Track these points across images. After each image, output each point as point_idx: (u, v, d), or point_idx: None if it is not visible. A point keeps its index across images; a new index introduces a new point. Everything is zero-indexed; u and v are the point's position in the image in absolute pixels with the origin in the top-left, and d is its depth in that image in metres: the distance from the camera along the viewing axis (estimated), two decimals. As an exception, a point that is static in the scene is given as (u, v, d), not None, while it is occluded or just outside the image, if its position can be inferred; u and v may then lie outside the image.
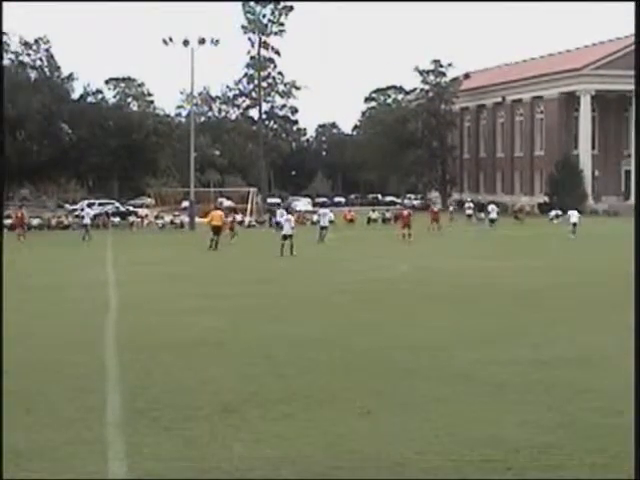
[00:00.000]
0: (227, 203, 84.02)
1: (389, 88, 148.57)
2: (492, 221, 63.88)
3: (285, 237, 40.20)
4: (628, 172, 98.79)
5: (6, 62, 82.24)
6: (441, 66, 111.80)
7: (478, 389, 12.15)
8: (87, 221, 59.33)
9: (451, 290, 25.35)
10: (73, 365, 14.02)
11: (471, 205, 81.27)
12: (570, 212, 60.53)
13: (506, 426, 10.16)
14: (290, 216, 43.52)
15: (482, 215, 76.80)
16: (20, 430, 10.14)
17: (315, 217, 50.99)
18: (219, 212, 49.20)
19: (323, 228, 50.14)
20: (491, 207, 66.75)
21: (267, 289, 26.20)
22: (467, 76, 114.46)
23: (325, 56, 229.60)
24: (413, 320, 19.20)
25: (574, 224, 59.01)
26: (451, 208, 74.77)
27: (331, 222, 55.95)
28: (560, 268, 32.25)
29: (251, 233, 63.35)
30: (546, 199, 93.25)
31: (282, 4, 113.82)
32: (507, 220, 73.79)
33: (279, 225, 52.33)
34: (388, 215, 78.67)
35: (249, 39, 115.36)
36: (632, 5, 14.89)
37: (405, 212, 55.46)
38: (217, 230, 46.02)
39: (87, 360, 14.46)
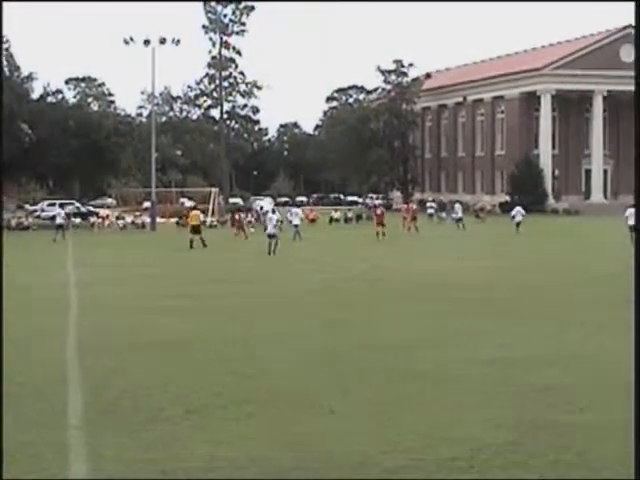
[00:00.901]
0: (188, 203, 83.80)
1: (351, 88, 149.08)
2: (458, 220, 63.59)
3: (270, 236, 41.01)
4: (588, 171, 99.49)
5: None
6: (402, 66, 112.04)
7: (441, 388, 12.16)
8: (60, 221, 58.53)
9: (416, 289, 25.41)
10: (34, 366, 13.92)
11: (433, 205, 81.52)
12: (515, 210, 61.34)
13: (469, 425, 10.18)
14: (274, 215, 43.82)
15: (444, 214, 77.07)
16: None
17: (288, 216, 52.17)
18: (197, 212, 50.66)
19: (296, 226, 52.47)
20: (457, 206, 66.57)
21: (233, 289, 26.13)
22: (428, 76, 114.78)
23: (286, 56, 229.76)
24: (378, 319, 19.22)
25: (459, 219, 60.50)
26: (414, 207, 74.25)
27: (301, 220, 57.45)
28: (527, 267, 32.38)
29: (213, 233, 63.13)
30: (507, 198, 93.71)
31: (243, 4, 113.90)
32: (468, 219, 74.05)
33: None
34: (350, 215, 78.82)
35: (210, 39, 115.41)
36: (604, 6, 14.93)
37: (379, 211, 56.09)
38: (196, 229, 47.44)
39: (48, 361, 14.36)
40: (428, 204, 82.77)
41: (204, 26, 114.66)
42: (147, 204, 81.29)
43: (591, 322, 18.02)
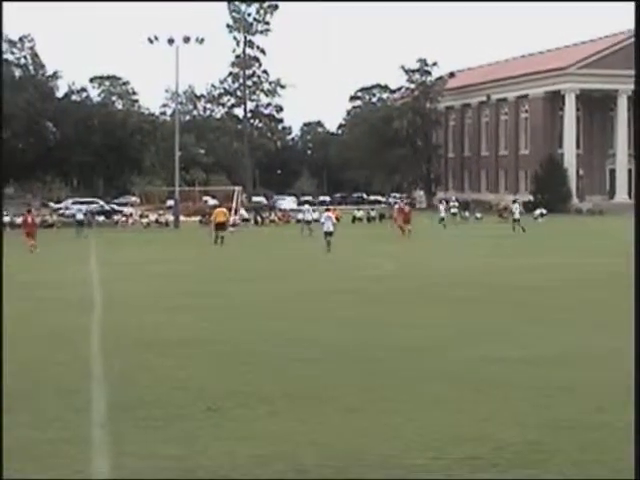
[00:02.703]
0: (212, 202, 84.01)
1: (374, 87, 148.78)
2: (516, 220, 60.84)
3: (326, 234, 41.71)
4: (613, 171, 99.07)
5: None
6: (426, 65, 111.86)
7: (463, 387, 12.14)
8: (80, 217, 60.17)
9: (439, 289, 25.34)
10: (57, 364, 13.98)
11: (456, 204, 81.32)
12: (514, 207, 60.86)
13: (491, 424, 10.15)
14: (330, 213, 44.27)
15: (466, 214, 76.90)
16: (4, 429, 10.09)
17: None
18: (223, 209, 52.75)
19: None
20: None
21: (256, 287, 26.18)
22: (452, 75, 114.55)
23: (310, 54, 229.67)
24: (400, 319, 19.18)
25: (516, 220, 59.44)
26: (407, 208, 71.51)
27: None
28: (547, 267, 32.26)
29: (237, 232, 63.21)
30: (531, 198, 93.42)
31: (267, 3, 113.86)
32: (491, 219, 73.96)
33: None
34: (373, 214, 78.78)
35: (234, 38, 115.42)
36: (631, 5, 14.89)
37: (406, 208, 57.00)
38: (221, 226, 49.39)
39: (71, 359, 14.42)
40: (451, 203, 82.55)
41: (228, 25, 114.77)
42: (170, 202, 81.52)
43: (611, 322, 17.94)
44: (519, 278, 27.98)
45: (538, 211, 76.13)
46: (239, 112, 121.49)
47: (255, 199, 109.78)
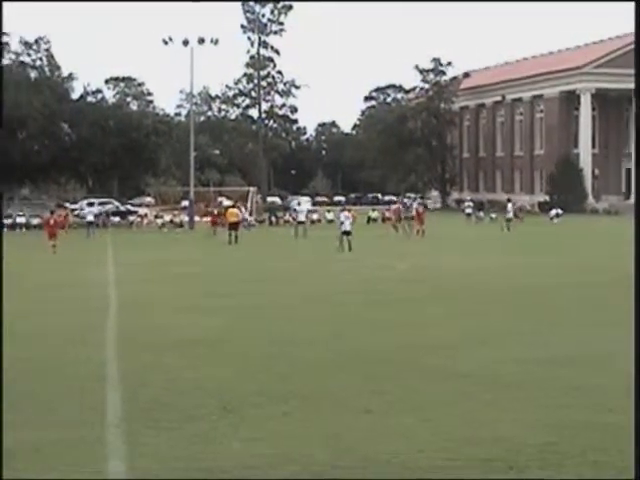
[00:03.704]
0: (227, 202, 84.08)
1: (389, 87, 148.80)
2: (508, 220, 61.36)
3: (346, 233, 42.07)
4: (629, 170, 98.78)
5: (6, 62, 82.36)
6: (441, 65, 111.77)
7: (477, 388, 12.12)
8: (90, 218, 61.55)
9: (455, 289, 25.32)
10: (73, 364, 14.02)
11: (470, 204, 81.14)
12: (509, 206, 61.32)
13: (506, 425, 10.14)
14: (347, 213, 44.79)
15: (481, 214, 76.77)
16: (21, 429, 10.13)
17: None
18: (235, 210, 53.85)
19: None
20: (509, 206, 64.16)
21: (273, 288, 26.20)
22: (467, 75, 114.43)
23: (325, 55, 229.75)
24: (417, 319, 19.17)
25: (508, 219, 59.70)
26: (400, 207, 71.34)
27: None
28: (564, 267, 32.19)
29: (252, 232, 63.28)
30: (546, 198, 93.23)
31: (281, 3, 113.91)
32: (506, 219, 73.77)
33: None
34: (388, 214, 78.61)
35: (248, 38, 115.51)
36: (632, 5, 14.82)
37: (420, 209, 58.15)
38: (234, 226, 50.38)
39: (87, 359, 14.45)
40: (466, 203, 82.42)
41: (242, 26, 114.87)
42: (185, 203, 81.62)
43: (624, 322, 17.86)
44: (531, 278, 27.94)
45: (554, 211, 75.92)
46: (254, 113, 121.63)
47: (270, 199, 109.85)
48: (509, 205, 63.66)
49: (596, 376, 12.85)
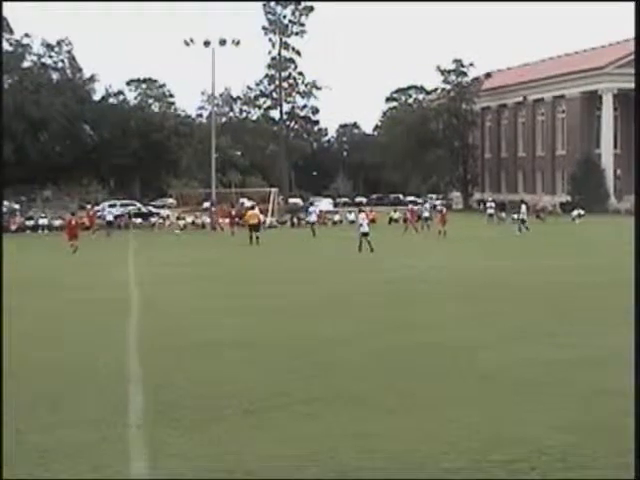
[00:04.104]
0: (248, 203, 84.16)
1: (410, 88, 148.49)
2: (522, 222, 61.39)
3: (364, 234, 42.25)
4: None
5: (29, 64, 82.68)
6: (462, 66, 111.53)
7: (501, 389, 12.09)
8: (110, 218, 63.44)
9: (477, 289, 25.26)
10: (96, 365, 14.05)
11: (492, 205, 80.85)
12: (522, 208, 61.18)
13: (529, 426, 10.10)
14: (364, 215, 45.34)
15: (503, 215, 76.60)
16: (45, 430, 10.17)
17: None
18: (256, 211, 54.29)
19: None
20: (523, 207, 63.99)
21: (294, 289, 26.20)
22: (488, 75, 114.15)
23: (346, 56, 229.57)
24: (439, 320, 19.14)
25: (522, 220, 59.49)
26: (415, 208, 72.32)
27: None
28: (585, 267, 32.06)
29: (273, 234, 63.34)
30: (568, 198, 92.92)
31: (303, 4, 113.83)
32: (529, 219, 73.51)
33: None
34: (426, 215, 78.46)
35: (270, 40, 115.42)
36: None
37: (444, 210, 59.07)
38: (255, 227, 50.84)
39: (109, 360, 14.48)
40: (488, 204, 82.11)
41: (264, 27, 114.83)
42: (207, 204, 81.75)
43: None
44: (552, 278, 27.86)
45: (576, 212, 75.67)
46: (275, 114, 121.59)
47: (291, 201, 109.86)
48: (523, 207, 63.51)
49: (620, 378, 12.78)
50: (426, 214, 70.21)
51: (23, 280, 29.96)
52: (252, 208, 57.68)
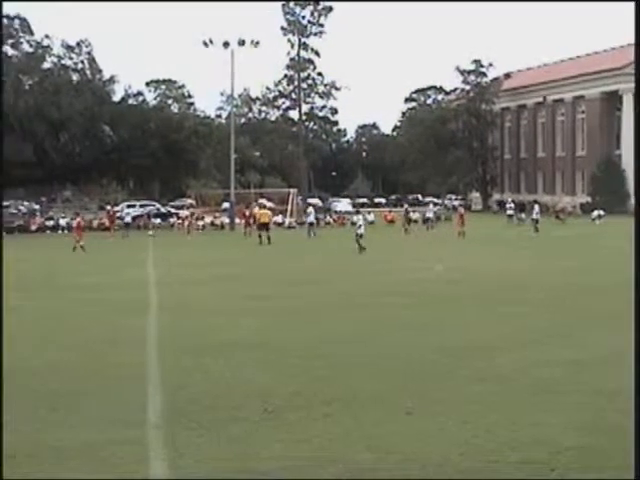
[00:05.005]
0: (268, 204, 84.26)
1: (429, 88, 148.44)
2: (536, 222, 61.59)
3: (359, 235, 42.38)
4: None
5: (49, 65, 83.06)
6: (482, 66, 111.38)
7: (518, 390, 12.07)
8: (128, 219, 64.15)
9: (493, 291, 25.21)
10: (114, 365, 14.09)
11: (512, 205, 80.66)
12: (535, 208, 61.14)
13: (547, 427, 10.08)
14: (361, 216, 46.32)
15: (523, 215, 76.41)
16: (63, 429, 10.22)
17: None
18: (267, 211, 54.75)
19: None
20: (536, 207, 64.02)
21: (310, 290, 26.20)
22: (508, 76, 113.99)
23: (365, 56, 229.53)
24: (455, 321, 19.11)
25: (536, 220, 59.35)
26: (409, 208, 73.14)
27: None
28: (604, 268, 31.96)
29: (292, 234, 63.40)
30: (588, 199, 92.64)
31: (321, 5, 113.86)
32: (548, 220, 73.38)
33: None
34: (429, 215, 78.38)
35: (289, 40, 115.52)
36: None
37: (462, 211, 59.54)
38: (264, 226, 50.82)
39: (128, 360, 14.52)
40: (507, 205, 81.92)
41: (283, 28, 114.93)
42: (226, 205, 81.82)
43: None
44: (570, 279, 27.78)
45: (596, 212, 75.46)
46: (294, 114, 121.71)
47: (310, 201, 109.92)
48: (536, 207, 63.50)
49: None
50: (429, 215, 71.05)
51: (42, 280, 30.13)
52: (263, 208, 57.97)
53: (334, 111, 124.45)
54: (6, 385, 12.28)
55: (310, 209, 65.38)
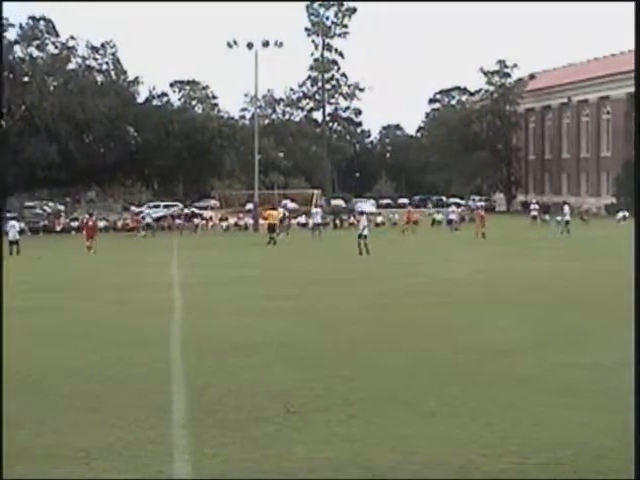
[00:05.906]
0: (291, 205, 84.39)
1: (453, 89, 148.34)
2: (566, 222, 61.25)
3: (362, 236, 41.65)
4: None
5: (73, 66, 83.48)
6: (506, 67, 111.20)
7: (541, 392, 12.04)
8: (149, 220, 64.72)
9: (515, 292, 25.14)
10: (138, 365, 14.14)
11: (536, 206, 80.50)
12: (565, 209, 60.95)
13: (570, 429, 10.06)
14: (364, 217, 45.09)
15: (547, 217, 76.21)
16: (88, 429, 10.26)
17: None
18: (275, 212, 55.19)
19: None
20: (566, 208, 63.77)
21: (333, 290, 26.22)
22: (532, 77, 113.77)
23: (389, 57, 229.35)
24: (477, 322, 19.08)
25: (567, 222, 59.17)
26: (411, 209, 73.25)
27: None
28: (627, 270, 31.81)
29: (314, 235, 63.39)
30: (613, 200, 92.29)
31: (345, 6, 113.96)
32: (573, 221, 73.14)
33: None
34: (452, 217, 78.39)
35: (313, 41, 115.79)
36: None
37: (482, 212, 59.60)
38: (271, 228, 51.48)
39: (152, 361, 14.57)
40: (531, 206, 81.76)
41: (307, 29, 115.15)
42: (250, 206, 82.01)
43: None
44: (593, 281, 27.69)
45: (620, 214, 75.26)
46: (318, 116, 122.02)
47: (334, 202, 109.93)
48: (566, 208, 63.32)
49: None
50: (452, 216, 71.04)
51: (66, 280, 30.26)
52: (273, 209, 58.09)
53: (358, 112, 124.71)
54: (33, 386, 12.36)
55: (315, 210, 65.43)
